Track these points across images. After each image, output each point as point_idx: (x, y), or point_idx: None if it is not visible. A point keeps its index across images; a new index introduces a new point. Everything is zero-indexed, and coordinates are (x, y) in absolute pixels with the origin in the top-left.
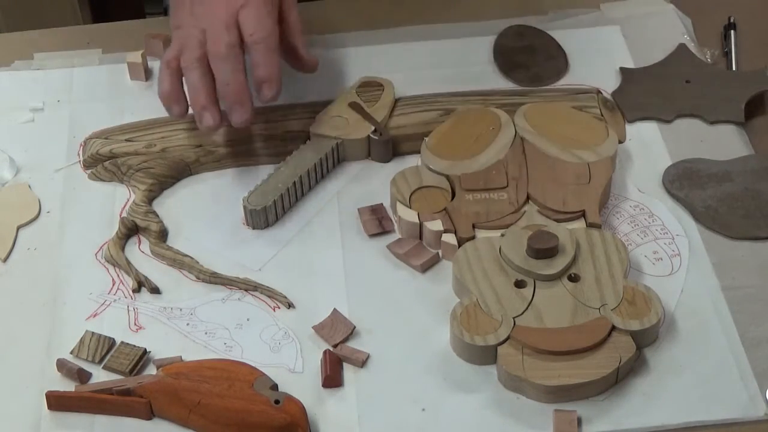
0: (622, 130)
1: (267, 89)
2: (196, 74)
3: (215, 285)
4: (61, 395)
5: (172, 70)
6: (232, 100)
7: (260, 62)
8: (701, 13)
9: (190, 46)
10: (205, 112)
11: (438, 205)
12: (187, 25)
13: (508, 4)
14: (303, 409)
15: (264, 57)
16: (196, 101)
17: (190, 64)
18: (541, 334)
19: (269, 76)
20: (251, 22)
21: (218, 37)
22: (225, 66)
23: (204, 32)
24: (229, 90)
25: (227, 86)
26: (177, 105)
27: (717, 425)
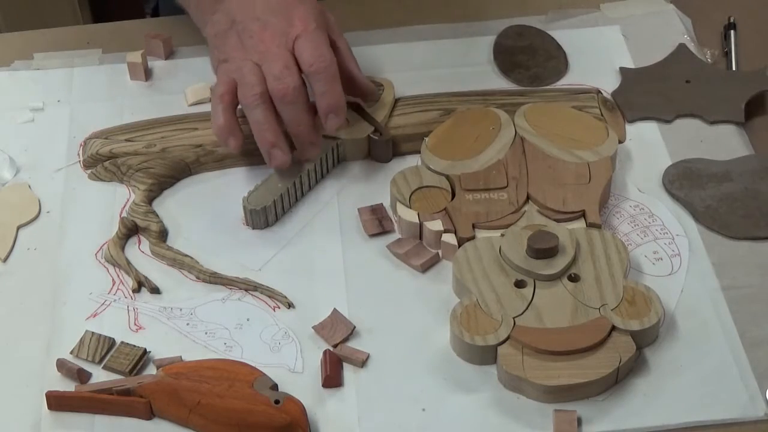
0: (622, 130)
1: (333, 119)
2: (260, 112)
3: (215, 285)
4: (61, 395)
5: (226, 104)
6: (305, 140)
7: (324, 92)
8: (701, 13)
9: (248, 82)
10: (275, 150)
11: (438, 205)
12: (238, 58)
13: (508, 4)
14: (303, 409)
15: (327, 86)
16: (263, 139)
17: (252, 101)
18: (541, 334)
19: (335, 106)
20: (309, 53)
21: (281, 79)
22: (294, 108)
23: (259, 66)
24: (301, 131)
25: (299, 127)
26: (234, 139)
27: (717, 425)
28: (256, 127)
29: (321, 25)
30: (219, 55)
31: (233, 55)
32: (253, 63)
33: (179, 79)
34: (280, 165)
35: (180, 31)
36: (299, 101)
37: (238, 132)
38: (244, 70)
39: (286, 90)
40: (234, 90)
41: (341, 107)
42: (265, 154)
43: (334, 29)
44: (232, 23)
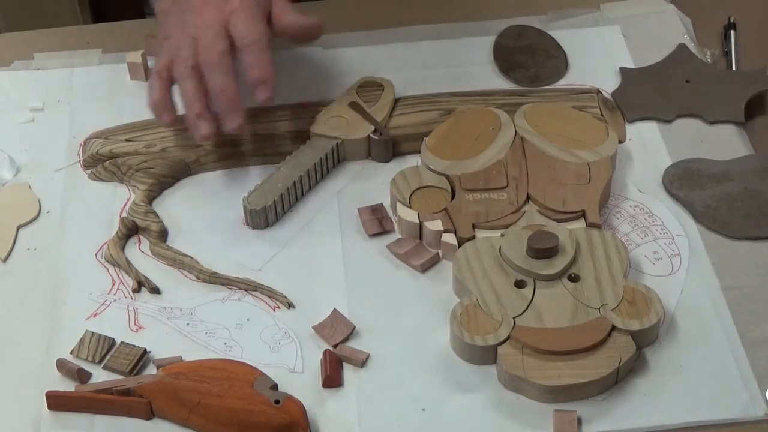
0: (622, 130)
1: (262, 90)
2: (189, 83)
3: (215, 285)
4: (61, 395)
5: (162, 80)
6: (226, 106)
7: (254, 64)
8: (701, 13)
9: (182, 56)
10: (201, 121)
11: (438, 205)
12: (177, 34)
13: (508, 4)
14: (303, 409)
15: (257, 58)
16: (191, 110)
17: (183, 73)
18: (541, 334)
19: (263, 77)
20: (242, 26)
21: (210, 46)
22: (218, 74)
23: (195, 41)
24: (223, 97)
25: (221, 93)
26: (167, 113)
27: (717, 425)
28: (186, 98)
29: (256, 2)
30: (162, 32)
31: (174, 32)
32: (190, 38)
33: None
34: (204, 136)
35: None
36: (223, 67)
37: (172, 107)
38: (181, 44)
39: (211, 56)
40: (171, 67)
41: (270, 79)
42: (191, 125)
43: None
44: (174, 2)
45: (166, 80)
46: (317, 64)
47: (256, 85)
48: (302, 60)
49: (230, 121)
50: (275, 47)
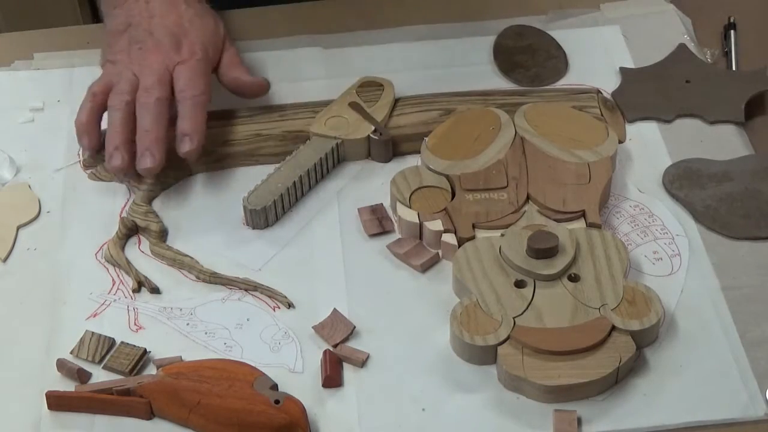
0: (622, 130)
1: (187, 142)
2: (119, 115)
3: (215, 285)
4: (61, 395)
5: (95, 104)
6: (146, 146)
7: (186, 116)
8: (701, 13)
9: (120, 88)
10: (117, 152)
11: (438, 205)
12: (123, 64)
13: (508, 4)
14: (303, 409)
15: (190, 111)
16: (111, 140)
17: (116, 104)
18: (541, 334)
19: (192, 130)
20: (184, 79)
21: (149, 89)
22: (149, 115)
23: (136, 78)
24: (146, 137)
25: (146, 133)
26: (88, 138)
27: (717, 425)
28: (111, 129)
29: (205, 57)
30: (108, 54)
31: (119, 58)
32: (131, 73)
33: None
34: (114, 168)
35: None
36: (156, 112)
37: (95, 133)
38: (122, 76)
39: (149, 98)
40: (108, 92)
41: (197, 133)
42: (107, 154)
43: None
44: (128, 26)
45: (99, 105)
46: (317, 64)
47: (183, 135)
48: (302, 60)
49: (146, 161)
50: (275, 47)
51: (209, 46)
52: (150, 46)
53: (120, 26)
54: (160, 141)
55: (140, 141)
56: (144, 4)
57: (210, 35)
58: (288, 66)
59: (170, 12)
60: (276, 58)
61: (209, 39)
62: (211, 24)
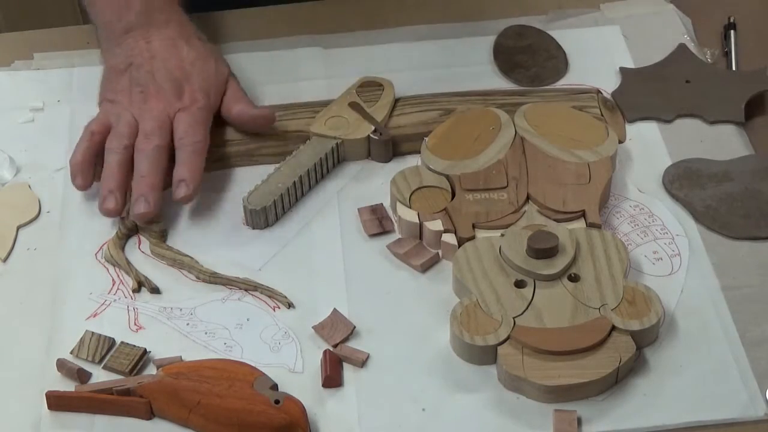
0: (622, 130)
1: (183, 188)
2: (115, 158)
3: (215, 285)
4: (61, 395)
5: (92, 144)
6: (142, 192)
7: (184, 162)
8: (701, 13)
9: (120, 132)
10: (111, 196)
11: (438, 205)
12: (123, 105)
13: (508, 4)
14: (303, 409)
15: (188, 158)
16: (106, 183)
17: (115, 147)
18: (541, 334)
19: (189, 177)
20: (184, 126)
21: (149, 135)
22: (147, 162)
23: (136, 120)
24: (142, 182)
25: (142, 179)
26: (82, 178)
27: (717, 425)
28: (106, 171)
29: (206, 104)
30: (107, 93)
31: (119, 99)
32: (131, 116)
33: None
34: (107, 210)
35: None
36: (154, 159)
37: (89, 174)
38: (121, 118)
39: (148, 145)
40: (106, 132)
41: (194, 180)
42: (101, 197)
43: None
44: (129, 66)
45: (96, 144)
46: (317, 64)
47: (180, 181)
48: (302, 60)
49: (140, 206)
50: (274, 47)
51: (211, 90)
52: (152, 92)
53: (121, 65)
54: (156, 187)
55: (136, 186)
56: (144, 44)
57: (212, 78)
58: (288, 66)
59: (172, 55)
60: (276, 58)
61: (211, 82)
62: (213, 66)
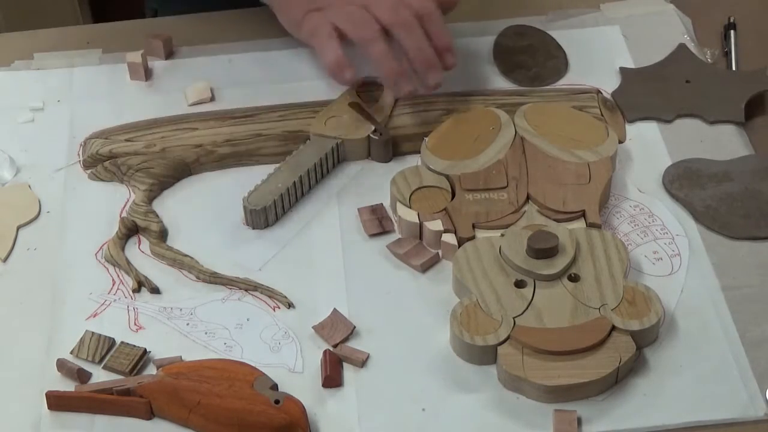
0: (622, 130)
1: (450, 57)
2: (381, 44)
3: (215, 285)
4: (61, 395)
5: (335, 39)
6: (427, 64)
7: (438, 32)
8: (701, 13)
9: (364, 19)
10: (403, 78)
11: (438, 205)
12: (337, 5)
13: (508, 4)
14: (303, 409)
15: (439, 27)
16: (389, 69)
17: (373, 35)
18: (541, 334)
19: (449, 45)
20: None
21: (396, 11)
22: (414, 34)
23: (366, 9)
24: (422, 55)
25: (420, 51)
26: (349, 70)
27: (717, 425)
28: (381, 58)
29: None
30: (309, 5)
31: (331, 2)
32: (359, 7)
33: (179, 79)
34: (408, 93)
35: (180, 31)
36: (417, 28)
37: (353, 65)
38: (354, 13)
39: (404, 18)
40: (337, 28)
41: (453, 47)
42: (392, 84)
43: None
44: None
45: (340, 39)
46: (317, 64)
47: (443, 51)
48: (302, 60)
49: (432, 77)
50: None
51: None
52: None
53: None
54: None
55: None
56: None
57: None
58: (288, 66)
59: None
60: (276, 58)
61: None
62: None
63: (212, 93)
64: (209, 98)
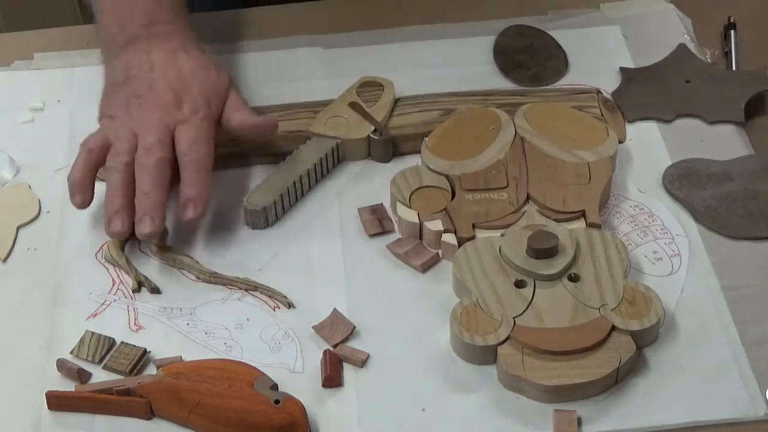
0: (622, 130)
1: (192, 208)
2: (117, 177)
3: (215, 285)
4: (61, 395)
5: (90, 161)
6: (146, 210)
7: (191, 181)
8: (701, 13)
9: (119, 148)
10: (116, 217)
11: (438, 205)
12: (122, 121)
13: (508, 4)
14: (303, 409)
15: (195, 176)
16: (110, 205)
17: (116, 165)
18: (541, 334)
19: (197, 196)
20: (187, 142)
21: (149, 149)
22: (149, 178)
23: (135, 137)
24: (146, 200)
25: (146, 196)
26: (81, 197)
27: (717, 425)
28: (109, 191)
29: (207, 114)
30: (105, 109)
31: (117, 114)
32: (130, 130)
33: None
34: (115, 234)
35: None
36: (156, 174)
37: (89, 192)
38: (120, 134)
39: (149, 159)
40: (104, 149)
41: (203, 199)
42: (106, 219)
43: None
44: (127, 79)
45: (94, 162)
46: (317, 64)
47: (188, 201)
48: (302, 60)
49: (145, 226)
50: (275, 47)
51: (212, 99)
52: (150, 102)
53: (119, 78)
54: (160, 204)
55: (139, 204)
56: (144, 56)
57: (213, 88)
58: (288, 66)
59: (171, 65)
60: (276, 58)
61: (212, 92)
62: (213, 75)
63: None
64: None
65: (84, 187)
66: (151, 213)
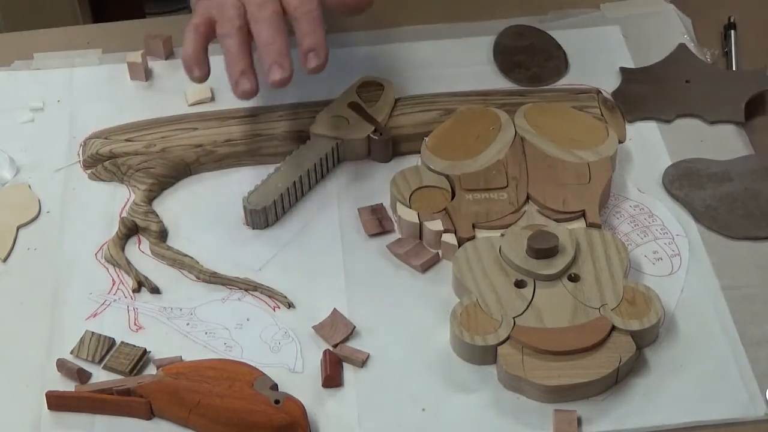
0: (622, 130)
1: (313, 58)
2: (235, 41)
3: (215, 285)
4: (61, 395)
5: (200, 35)
6: (273, 59)
7: (307, 32)
8: (701, 13)
9: (228, 15)
10: (243, 78)
11: (438, 205)
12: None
13: (508, 4)
14: (303, 409)
15: (310, 26)
16: (235, 67)
17: (229, 31)
18: (541, 334)
19: (316, 45)
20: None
21: (263, 4)
22: (268, 29)
23: (241, 2)
24: (271, 49)
25: (269, 46)
26: (198, 68)
27: (717, 425)
28: (230, 57)
29: None
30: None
31: None
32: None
33: (179, 79)
34: (245, 93)
35: (180, 31)
36: (274, 23)
37: (205, 64)
38: (225, 3)
39: (266, 12)
40: (210, 22)
41: (322, 48)
42: (233, 82)
43: None
44: None
45: (204, 35)
46: None
47: (308, 51)
48: None
49: (274, 73)
50: None
51: None
52: None
53: None
54: (287, 50)
55: (266, 54)
56: None
57: None
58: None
59: None
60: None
61: None
62: None
63: (212, 93)
64: (209, 98)
65: (200, 60)
66: (278, 60)
